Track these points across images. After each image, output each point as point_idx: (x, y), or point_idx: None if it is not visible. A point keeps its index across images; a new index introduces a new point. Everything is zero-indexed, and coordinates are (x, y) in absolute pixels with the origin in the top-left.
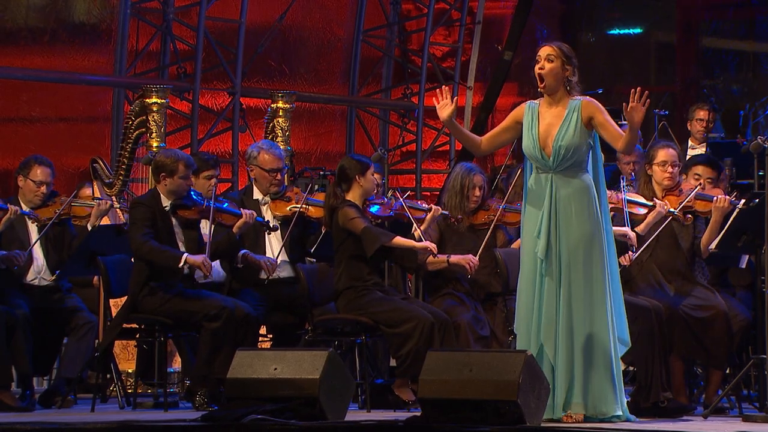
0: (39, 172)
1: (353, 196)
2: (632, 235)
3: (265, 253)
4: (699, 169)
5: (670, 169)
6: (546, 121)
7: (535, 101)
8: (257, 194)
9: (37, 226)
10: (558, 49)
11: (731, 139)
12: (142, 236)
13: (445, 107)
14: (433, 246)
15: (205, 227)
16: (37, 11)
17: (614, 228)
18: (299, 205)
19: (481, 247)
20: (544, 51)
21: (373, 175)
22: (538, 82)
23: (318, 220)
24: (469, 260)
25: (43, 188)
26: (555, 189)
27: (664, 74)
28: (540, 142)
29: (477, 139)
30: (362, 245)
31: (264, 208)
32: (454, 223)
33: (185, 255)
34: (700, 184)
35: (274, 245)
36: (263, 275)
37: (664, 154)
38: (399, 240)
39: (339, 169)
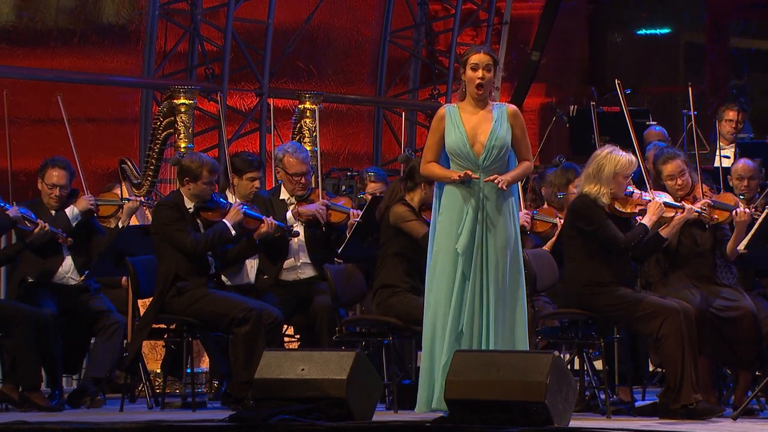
0: (53, 175)
1: (412, 198)
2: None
3: (288, 253)
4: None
5: (679, 181)
6: (472, 122)
7: (452, 104)
8: (284, 194)
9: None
10: (494, 59)
11: (760, 139)
12: (189, 237)
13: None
14: None
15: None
16: (67, 13)
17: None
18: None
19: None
20: (483, 59)
21: None
22: (475, 90)
23: (340, 224)
24: (524, 217)
25: (56, 191)
26: (482, 188)
27: (693, 74)
28: (469, 140)
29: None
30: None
31: (290, 209)
32: None
33: (226, 223)
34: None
35: (295, 245)
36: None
37: (670, 167)
38: None
39: (411, 167)
